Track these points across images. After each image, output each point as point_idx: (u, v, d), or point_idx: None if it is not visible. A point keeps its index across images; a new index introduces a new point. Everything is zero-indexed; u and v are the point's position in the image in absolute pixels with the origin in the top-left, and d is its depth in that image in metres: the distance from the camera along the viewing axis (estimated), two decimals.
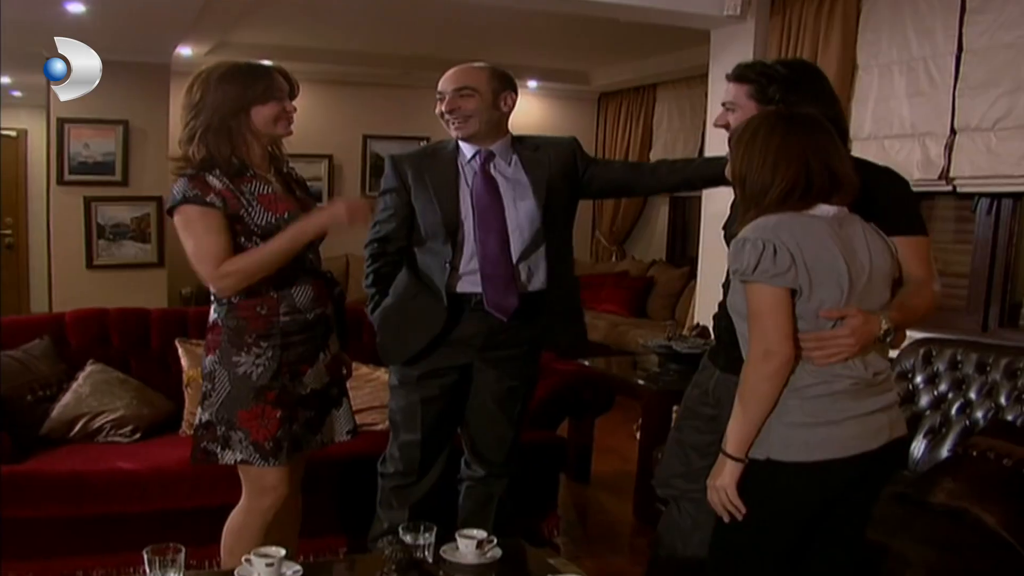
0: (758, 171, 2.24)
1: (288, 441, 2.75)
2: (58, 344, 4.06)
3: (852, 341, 2.14)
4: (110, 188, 7.69)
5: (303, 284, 2.78)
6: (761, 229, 2.19)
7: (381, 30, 7.52)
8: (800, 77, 2.64)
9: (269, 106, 2.71)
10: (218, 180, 2.68)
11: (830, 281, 2.17)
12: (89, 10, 5.72)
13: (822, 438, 2.18)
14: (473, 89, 3.03)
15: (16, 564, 3.35)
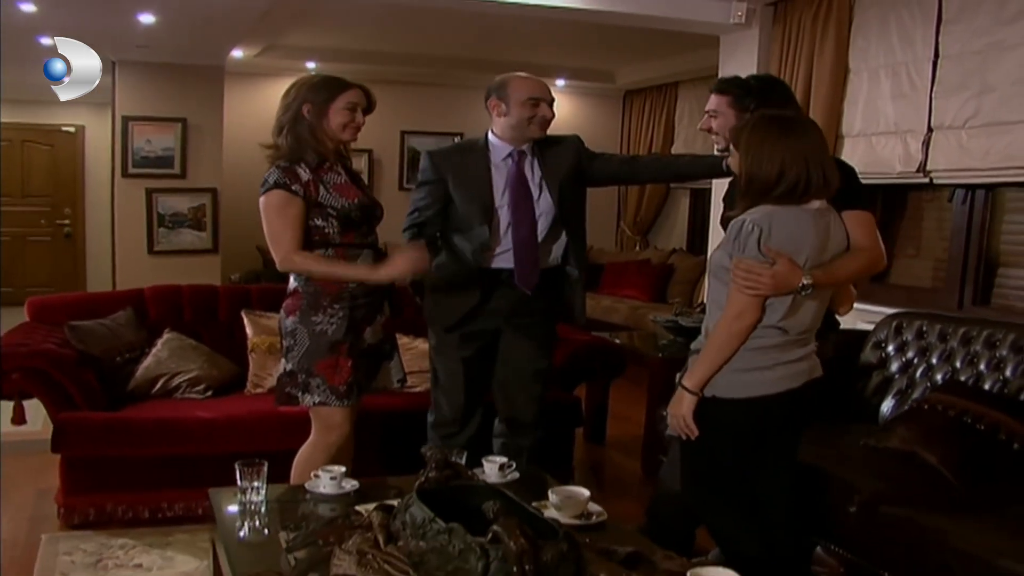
0: (766, 170, 2.67)
1: (356, 385, 3.32)
2: (139, 315, 4.70)
3: (770, 282, 2.63)
4: (169, 180, 8.33)
5: (366, 256, 3.35)
6: (768, 216, 2.66)
7: (418, 33, 7.96)
8: (770, 88, 3.23)
9: (342, 114, 3.26)
10: (304, 171, 3.24)
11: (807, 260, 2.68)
12: (158, 20, 6.33)
13: (756, 380, 2.74)
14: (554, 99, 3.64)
15: (112, 496, 3.99)
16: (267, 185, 3.24)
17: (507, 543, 2.03)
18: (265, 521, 2.72)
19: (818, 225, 2.72)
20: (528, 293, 3.63)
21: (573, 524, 2.59)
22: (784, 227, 2.66)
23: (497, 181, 3.62)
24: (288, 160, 3.24)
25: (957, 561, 2.83)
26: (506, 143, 3.63)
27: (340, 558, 2.31)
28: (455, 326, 3.68)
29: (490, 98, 3.61)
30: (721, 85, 3.27)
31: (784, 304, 2.70)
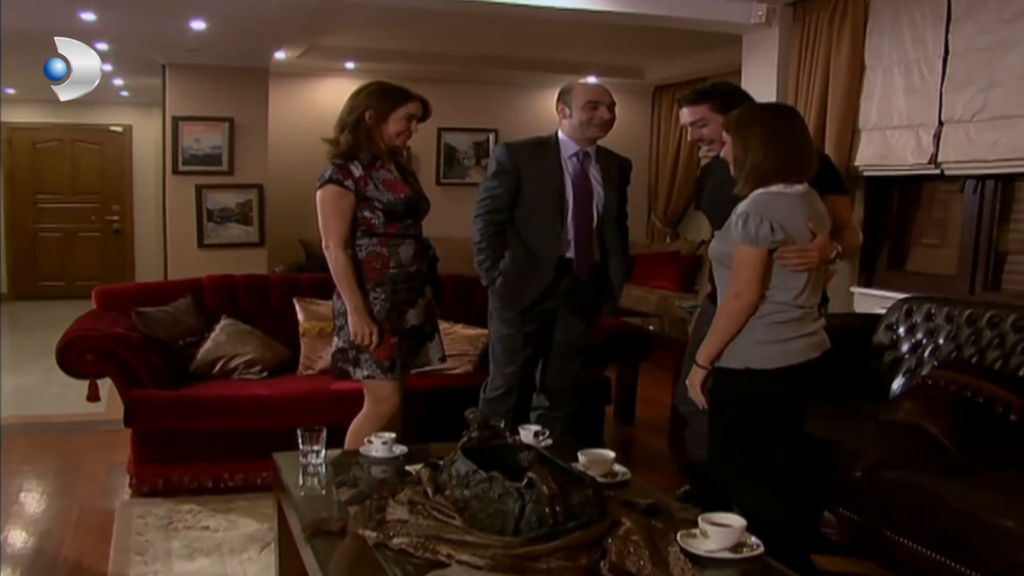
0: (755, 153, 2.98)
1: (400, 361, 3.66)
2: (198, 303, 5.06)
3: (816, 255, 2.99)
4: (217, 177, 8.70)
5: (407, 245, 3.71)
6: (758, 206, 2.95)
7: (452, 32, 8.19)
8: (736, 91, 3.68)
9: (400, 123, 3.63)
10: (357, 168, 3.61)
11: (802, 240, 2.98)
12: (209, 27, 6.69)
13: (781, 351, 3.04)
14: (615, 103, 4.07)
15: (178, 467, 4.35)
16: (323, 180, 3.61)
17: (540, 487, 2.35)
18: (324, 480, 3.05)
19: (807, 207, 3.02)
20: (582, 278, 4.06)
21: (600, 482, 2.90)
22: (781, 213, 2.96)
23: (566, 176, 4.03)
24: (343, 157, 3.60)
25: (950, 519, 3.11)
26: (573, 142, 4.04)
27: (394, 507, 2.64)
28: (528, 308, 4.06)
29: (558, 103, 4.04)
30: (698, 96, 3.64)
31: (800, 280, 3.01)
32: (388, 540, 2.44)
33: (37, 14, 6.27)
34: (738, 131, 3.07)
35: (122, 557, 3.63)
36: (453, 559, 2.31)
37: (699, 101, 3.61)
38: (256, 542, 3.76)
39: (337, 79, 9.44)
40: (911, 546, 3.26)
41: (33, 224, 12.19)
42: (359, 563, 2.39)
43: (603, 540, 2.35)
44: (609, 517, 2.45)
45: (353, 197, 3.59)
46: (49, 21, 6.45)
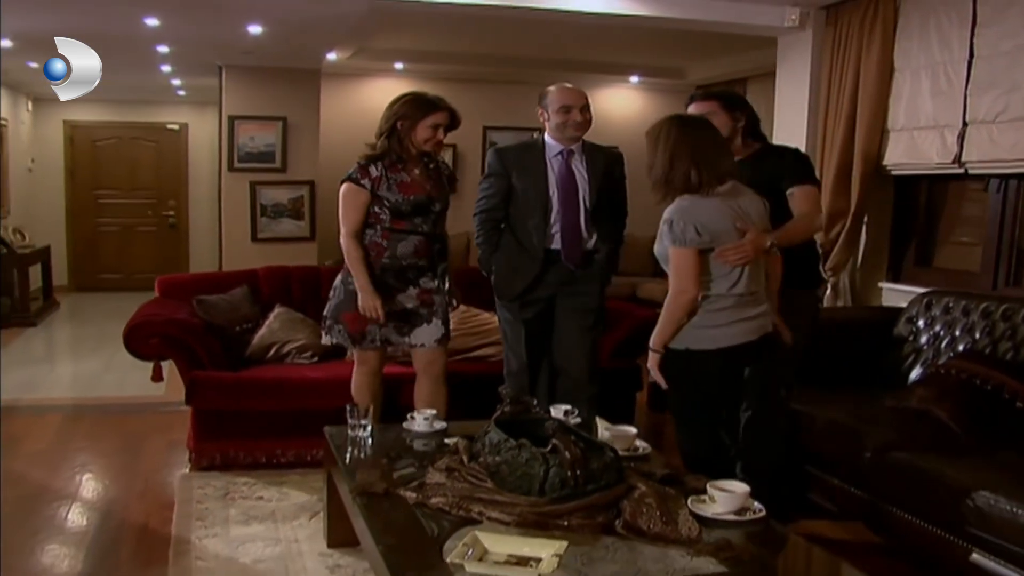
0: (661, 165, 3.32)
1: (376, 338, 4.17)
2: (253, 292, 5.37)
3: (750, 249, 3.28)
4: (271, 174, 9.06)
5: (408, 241, 4.15)
6: (680, 212, 3.28)
7: (497, 34, 8.39)
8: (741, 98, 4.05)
9: (427, 131, 4.04)
10: (375, 169, 4.08)
11: (729, 238, 3.28)
12: (265, 31, 7.02)
13: (719, 334, 3.32)
14: (588, 105, 4.35)
15: (234, 443, 4.65)
16: (345, 177, 4.13)
17: (563, 453, 2.62)
18: (370, 451, 3.34)
19: (730, 206, 3.33)
20: (572, 268, 4.35)
21: (622, 455, 3.15)
22: (704, 217, 3.27)
23: (550, 174, 4.33)
24: (368, 159, 4.08)
25: (949, 495, 3.31)
26: (556, 143, 4.35)
27: (433, 474, 2.92)
28: (517, 296, 4.40)
29: (538, 107, 4.36)
30: (706, 94, 3.99)
31: (736, 272, 3.31)
32: (426, 500, 2.72)
33: (104, 19, 6.63)
34: (650, 144, 3.41)
35: (184, 522, 3.94)
36: (484, 516, 2.58)
37: (708, 98, 3.94)
38: (306, 511, 4.05)
39: (386, 79, 9.74)
40: (914, 521, 3.47)
41: (93, 219, 12.63)
42: (400, 519, 2.66)
43: (619, 502, 2.62)
44: (626, 482, 2.71)
45: (367, 194, 4.08)
46: (116, 26, 6.84)
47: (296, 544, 3.70)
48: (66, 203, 12.48)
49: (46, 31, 7.09)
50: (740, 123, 3.88)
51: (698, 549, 2.40)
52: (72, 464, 4.85)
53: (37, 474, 4.64)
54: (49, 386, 7.03)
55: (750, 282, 3.36)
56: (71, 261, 12.54)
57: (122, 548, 3.76)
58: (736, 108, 3.88)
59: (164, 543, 3.74)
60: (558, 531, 2.48)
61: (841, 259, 5.95)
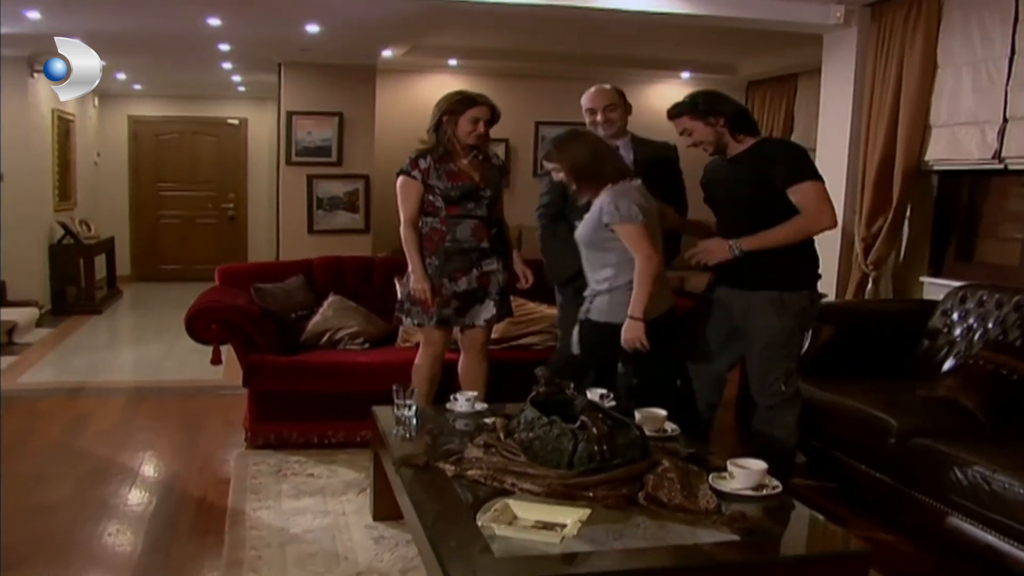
0: (584, 165, 3.83)
1: (439, 317, 4.42)
2: (309, 281, 5.60)
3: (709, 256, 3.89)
4: (327, 168, 9.32)
5: (465, 224, 4.41)
6: (619, 193, 3.78)
7: (550, 31, 8.38)
8: (708, 96, 4.07)
9: (468, 125, 4.31)
10: (425, 161, 4.38)
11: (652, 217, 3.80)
12: (322, 29, 7.25)
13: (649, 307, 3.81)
14: (615, 104, 4.57)
15: (288, 424, 4.88)
16: (398, 171, 4.43)
17: (591, 429, 2.79)
18: (414, 429, 3.53)
19: (645, 194, 3.86)
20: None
21: (651, 435, 3.31)
22: (636, 198, 3.77)
23: None
24: (419, 153, 4.38)
25: (968, 478, 3.43)
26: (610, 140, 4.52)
27: (471, 449, 3.11)
28: (565, 282, 4.62)
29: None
30: (675, 111, 4.07)
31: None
32: (464, 472, 2.91)
33: (170, 20, 6.92)
34: (562, 156, 3.89)
35: (239, 495, 4.18)
36: (516, 487, 2.76)
37: (678, 115, 4.03)
38: (354, 487, 4.27)
39: (440, 75, 9.92)
40: (934, 505, 3.59)
41: (155, 211, 12.98)
42: (439, 489, 2.85)
43: (643, 476, 2.78)
44: (651, 458, 2.87)
45: (419, 185, 4.38)
46: (180, 26, 7.12)
47: (343, 517, 3.92)
48: (130, 195, 12.85)
49: (114, 32, 7.46)
50: (719, 125, 3.94)
51: (714, 520, 2.56)
52: (135, 442, 5.13)
53: (103, 451, 4.91)
54: (114, 370, 7.34)
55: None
56: (134, 252, 12.90)
57: (182, 518, 4.00)
58: (708, 114, 3.93)
59: (221, 514, 3.98)
60: (584, 501, 2.65)
61: (883, 253, 6.04)
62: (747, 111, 4.12)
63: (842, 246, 6.41)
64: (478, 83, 9.43)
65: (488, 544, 2.35)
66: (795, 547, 2.57)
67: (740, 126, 3.96)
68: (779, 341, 3.92)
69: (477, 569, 2.25)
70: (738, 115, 3.98)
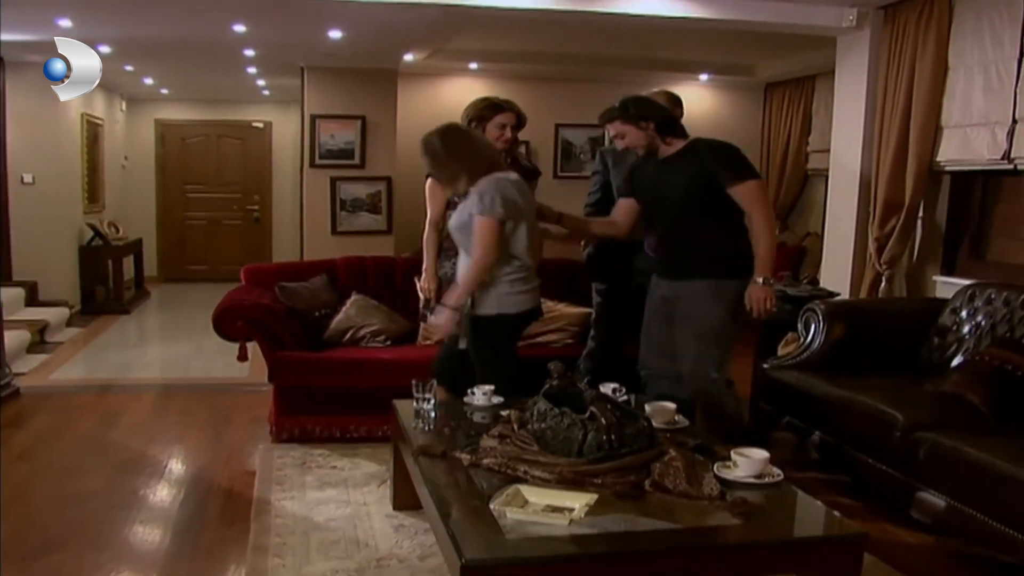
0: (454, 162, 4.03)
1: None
2: (332, 280, 5.75)
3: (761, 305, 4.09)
4: (350, 170, 9.46)
5: None
6: (490, 186, 3.93)
7: (570, 34, 8.54)
8: (637, 101, 4.27)
9: (494, 131, 4.49)
10: None
11: (529, 211, 4.04)
12: (344, 35, 7.40)
13: (521, 299, 4.07)
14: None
15: (311, 418, 5.04)
16: (427, 173, 4.52)
17: (600, 419, 2.92)
18: (433, 421, 3.66)
19: (521, 189, 4.04)
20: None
21: (661, 428, 3.43)
22: (508, 191, 3.95)
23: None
24: None
25: (968, 470, 3.53)
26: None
27: (486, 440, 3.24)
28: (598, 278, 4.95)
29: None
30: (606, 117, 4.29)
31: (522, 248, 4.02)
32: (479, 461, 3.04)
33: (196, 26, 7.09)
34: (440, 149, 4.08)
35: (265, 486, 4.33)
36: (528, 474, 2.89)
37: (610, 120, 4.25)
38: (375, 479, 4.42)
39: (461, 79, 10.06)
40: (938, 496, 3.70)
41: (182, 212, 13.21)
42: (454, 476, 2.98)
43: (650, 464, 2.90)
44: (658, 448, 3.00)
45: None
46: (206, 32, 7.30)
47: (365, 507, 4.07)
48: (157, 198, 13.09)
49: (142, 38, 7.66)
50: (649, 129, 4.16)
51: (716, 505, 2.68)
52: (165, 436, 5.30)
53: (135, 444, 5.09)
54: (143, 368, 7.53)
55: (529, 259, 4.10)
56: (161, 253, 13.14)
57: (209, 507, 4.17)
58: (639, 118, 4.14)
59: (247, 504, 4.14)
60: (593, 488, 2.78)
61: (896, 253, 6.12)
62: (676, 118, 4.32)
63: (856, 245, 6.50)
64: (498, 86, 9.57)
65: (500, 526, 2.48)
66: (792, 530, 2.69)
67: (668, 129, 4.20)
68: (713, 328, 4.16)
69: (489, 547, 2.38)
70: (666, 119, 4.22)
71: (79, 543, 3.71)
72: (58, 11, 6.36)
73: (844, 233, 6.66)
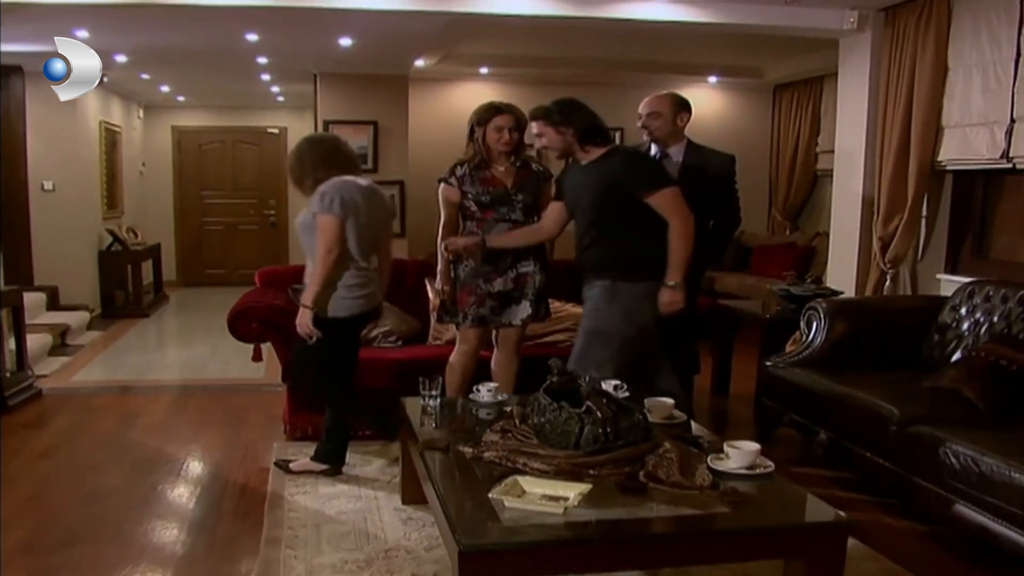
0: (298, 166, 4.35)
1: (474, 316, 4.70)
2: None
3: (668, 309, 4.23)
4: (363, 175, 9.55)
5: (499, 228, 4.66)
6: (332, 186, 4.18)
7: (580, 38, 8.69)
8: (564, 105, 4.33)
9: (494, 133, 4.57)
10: (462, 169, 4.67)
11: (371, 219, 4.27)
12: (355, 43, 7.55)
13: (354, 304, 4.31)
14: (659, 113, 4.79)
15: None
16: (439, 178, 4.73)
17: (595, 412, 3.03)
18: (439, 418, 3.79)
19: (367, 193, 4.31)
20: None
21: (659, 423, 3.54)
22: (350, 192, 4.21)
23: None
24: (459, 161, 4.68)
25: (960, 462, 3.63)
26: (655, 145, 4.86)
27: (489, 434, 3.36)
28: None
29: None
30: (532, 114, 4.40)
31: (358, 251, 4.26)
32: (481, 454, 3.16)
33: (209, 36, 7.25)
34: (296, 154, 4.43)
35: (278, 482, 4.47)
36: (527, 466, 3.00)
37: (534, 118, 4.37)
38: (386, 475, 4.55)
39: (472, 83, 10.21)
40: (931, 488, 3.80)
41: (199, 218, 13.40)
42: (457, 468, 3.10)
43: (645, 456, 3.01)
44: (653, 440, 3.11)
45: (456, 191, 4.69)
46: (220, 41, 7.45)
47: (375, 501, 4.20)
48: (174, 203, 13.28)
49: (158, 47, 7.82)
50: (567, 135, 4.27)
51: (707, 495, 2.79)
52: (182, 435, 5.45)
53: (153, 442, 5.24)
54: (161, 370, 7.68)
55: (371, 260, 4.40)
56: (179, 257, 13.32)
57: (225, 502, 4.31)
58: (560, 123, 4.25)
59: (261, 498, 4.27)
60: (589, 479, 2.89)
61: (900, 251, 6.21)
62: (598, 125, 4.34)
63: (860, 245, 6.59)
64: (509, 90, 9.69)
65: (497, 513, 2.60)
66: (779, 517, 2.79)
67: (589, 138, 4.28)
68: (603, 328, 4.28)
69: (485, 534, 2.50)
70: (588, 127, 4.28)
71: (99, 537, 3.85)
72: (76, 22, 6.52)
73: (849, 233, 6.76)
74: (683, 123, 4.88)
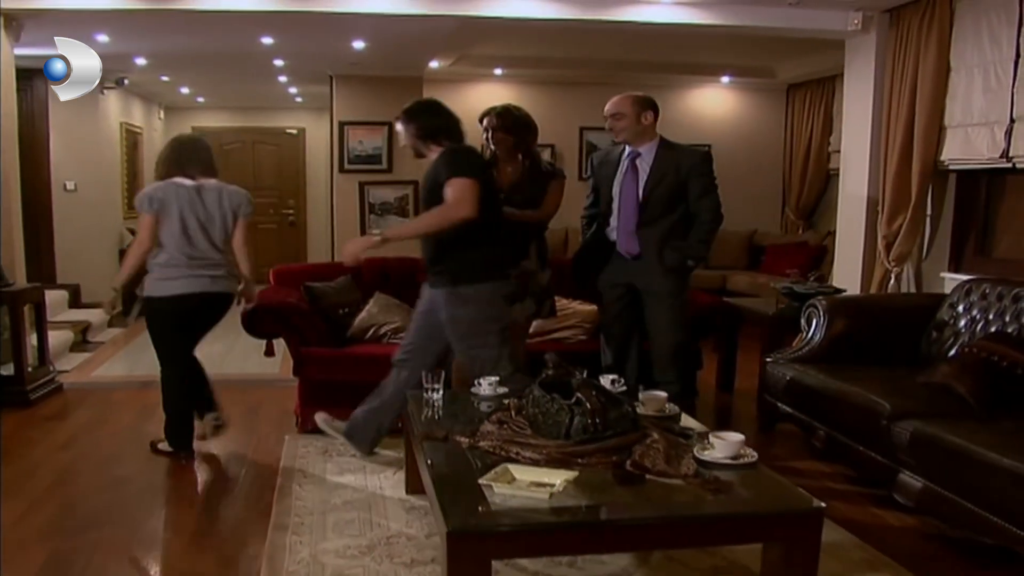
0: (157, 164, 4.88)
1: None
2: (356, 280, 6.02)
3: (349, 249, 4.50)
4: (378, 175, 9.78)
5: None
6: (151, 187, 4.75)
7: (592, 39, 8.74)
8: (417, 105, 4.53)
9: (484, 134, 4.76)
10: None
11: (185, 215, 4.71)
12: (368, 46, 7.69)
13: (171, 285, 4.73)
14: (621, 113, 4.83)
15: (335, 410, 5.26)
16: None
17: (585, 404, 3.15)
18: (440, 410, 3.92)
19: (192, 194, 4.73)
20: (627, 258, 4.89)
21: (653, 416, 3.66)
22: (163, 192, 4.69)
23: (618, 175, 4.89)
24: None
25: (945, 454, 3.73)
26: (629, 146, 4.91)
27: (486, 425, 3.49)
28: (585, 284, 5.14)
29: None
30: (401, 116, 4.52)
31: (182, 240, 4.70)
32: (477, 444, 3.29)
33: (227, 39, 7.42)
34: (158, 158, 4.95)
35: (288, 473, 4.62)
36: (520, 455, 3.13)
37: (399, 117, 4.50)
38: (392, 466, 4.69)
39: (487, 84, 10.33)
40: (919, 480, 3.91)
41: None
42: (453, 457, 3.23)
43: (632, 446, 3.14)
44: (641, 431, 3.23)
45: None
46: (236, 44, 7.62)
47: (380, 491, 4.35)
48: None
49: (177, 51, 8.00)
50: (412, 132, 4.42)
51: (690, 483, 2.91)
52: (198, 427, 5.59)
53: None
54: None
55: (207, 253, 4.80)
56: None
57: (236, 491, 4.47)
58: (409, 122, 4.42)
59: (271, 489, 4.42)
60: (577, 467, 3.02)
61: (904, 250, 6.30)
62: (444, 128, 4.41)
63: (866, 243, 6.68)
64: (523, 91, 9.83)
65: (487, 498, 2.73)
66: (758, 504, 2.90)
67: (430, 137, 4.39)
68: (470, 331, 4.38)
69: (473, 516, 2.63)
70: (429, 128, 4.39)
71: (117, 522, 4.01)
72: (96, 27, 6.70)
73: (854, 231, 6.85)
74: (648, 121, 4.84)
